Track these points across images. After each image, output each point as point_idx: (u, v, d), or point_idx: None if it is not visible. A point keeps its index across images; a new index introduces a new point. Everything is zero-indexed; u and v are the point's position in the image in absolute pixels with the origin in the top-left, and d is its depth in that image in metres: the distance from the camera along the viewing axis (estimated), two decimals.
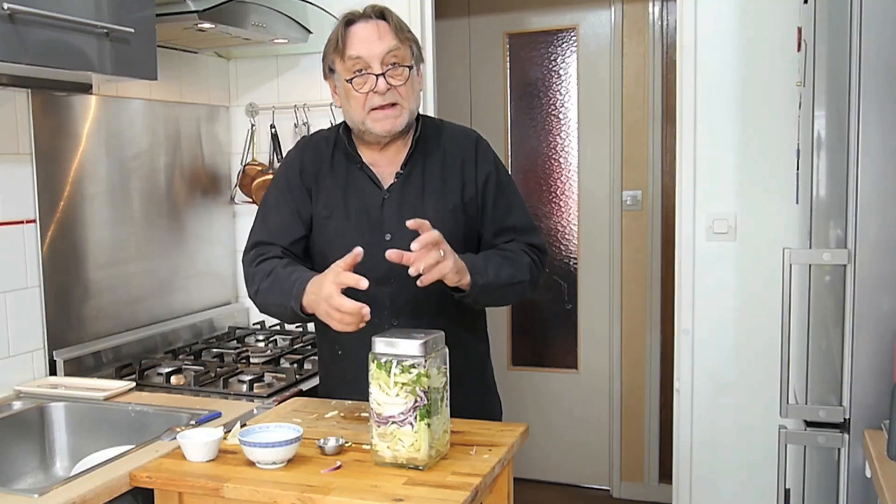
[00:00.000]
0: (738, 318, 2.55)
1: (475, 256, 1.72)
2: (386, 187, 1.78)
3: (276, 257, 1.76)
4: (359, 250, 1.55)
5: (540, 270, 1.82)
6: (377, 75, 1.69)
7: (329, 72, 1.78)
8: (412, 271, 1.52)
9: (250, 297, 1.79)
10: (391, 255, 1.53)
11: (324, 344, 1.90)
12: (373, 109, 1.70)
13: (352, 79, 1.71)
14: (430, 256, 1.52)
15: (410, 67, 1.73)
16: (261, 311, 1.80)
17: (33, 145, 2.13)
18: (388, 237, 1.74)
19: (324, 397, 1.92)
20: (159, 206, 2.59)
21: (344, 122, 1.83)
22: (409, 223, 1.56)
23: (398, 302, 1.74)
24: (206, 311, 2.79)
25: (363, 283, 1.50)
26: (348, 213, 1.78)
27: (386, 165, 1.80)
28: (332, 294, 1.52)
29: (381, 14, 1.73)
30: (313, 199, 1.81)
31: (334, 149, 1.83)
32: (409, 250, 1.53)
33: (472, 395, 1.76)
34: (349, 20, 1.74)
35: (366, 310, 1.51)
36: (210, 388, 2.15)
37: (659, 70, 3.54)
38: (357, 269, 1.63)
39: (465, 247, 1.77)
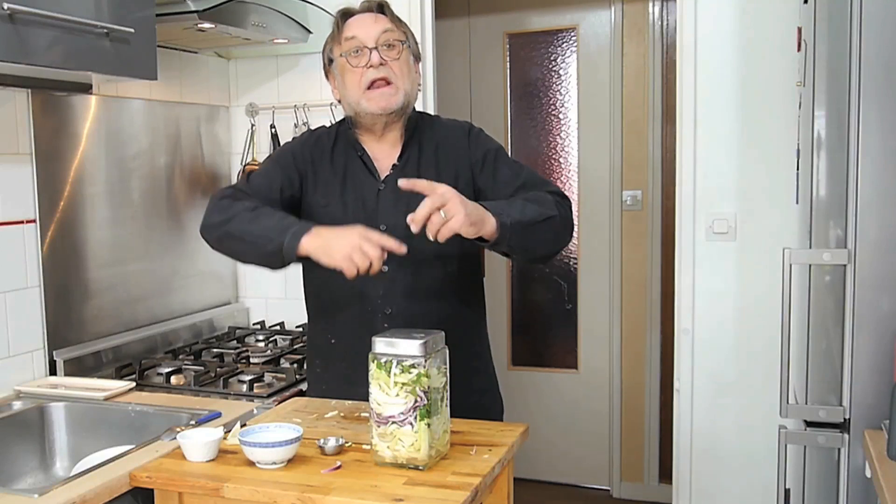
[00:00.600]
0: (739, 317, 2.55)
1: (496, 202, 1.66)
2: (382, 178, 1.79)
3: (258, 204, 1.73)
4: (404, 249, 1.55)
5: (567, 211, 1.75)
6: (371, 49, 1.72)
7: (328, 63, 1.81)
8: (428, 237, 1.51)
9: (210, 223, 1.71)
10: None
11: (315, 335, 1.90)
12: (368, 88, 1.73)
13: (346, 54, 1.74)
14: (432, 224, 1.49)
15: (404, 42, 1.77)
16: (216, 241, 1.72)
17: (33, 145, 2.12)
18: (382, 228, 1.73)
19: (313, 387, 1.92)
20: (159, 207, 2.59)
21: (344, 118, 1.85)
22: (402, 183, 1.55)
23: (392, 290, 1.75)
24: (206, 311, 2.79)
25: (403, 248, 1.54)
26: (345, 203, 1.79)
27: (383, 158, 1.81)
28: (371, 231, 1.55)
29: (380, 7, 1.79)
30: (310, 187, 1.81)
31: (336, 140, 1.85)
32: (402, 238, 1.55)
33: (471, 394, 1.76)
34: (347, 12, 1.79)
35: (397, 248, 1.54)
36: (210, 388, 2.15)
37: (659, 70, 3.54)
38: None
39: (459, 239, 1.76)
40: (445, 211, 1.49)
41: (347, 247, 1.53)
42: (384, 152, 1.81)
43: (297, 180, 1.81)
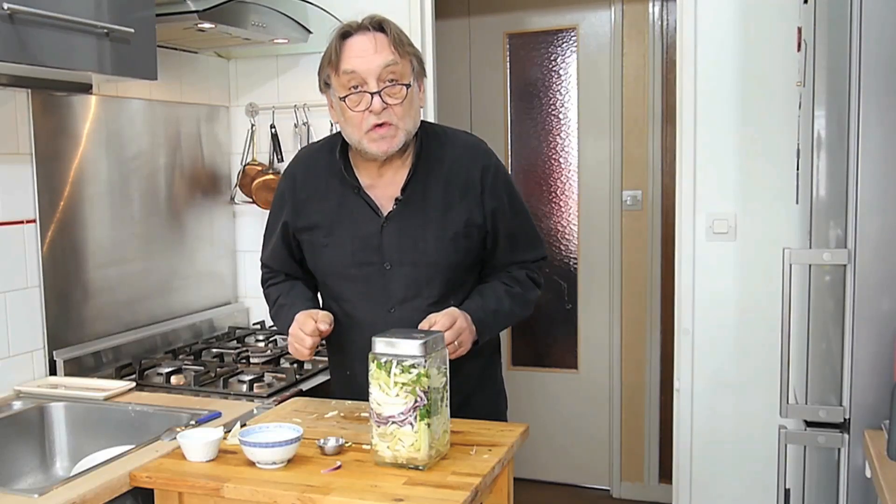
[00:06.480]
0: (739, 317, 2.55)
1: (484, 306, 1.73)
2: (385, 214, 1.72)
3: (281, 282, 1.87)
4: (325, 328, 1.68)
5: (541, 287, 1.88)
6: (372, 94, 1.61)
7: (325, 86, 1.71)
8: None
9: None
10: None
11: (334, 358, 1.91)
12: (369, 130, 1.64)
13: (346, 97, 1.63)
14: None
15: (408, 86, 1.64)
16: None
17: (33, 145, 2.12)
18: (387, 266, 1.71)
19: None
20: (159, 207, 2.59)
21: (342, 139, 1.76)
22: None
23: (403, 303, 1.74)
24: (206, 311, 2.78)
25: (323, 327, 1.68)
26: (344, 240, 1.73)
27: (384, 188, 1.73)
28: (295, 329, 1.69)
29: (380, 26, 1.64)
30: (308, 220, 1.78)
31: (332, 169, 1.76)
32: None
33: (484, 395, 1.77)
34: (345, 32, 1.65)
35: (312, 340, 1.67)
36: (210, 388, 2.15)
37: (659, 70, 3.54)
38: (358, 298, 1.71)
39: (465, 273, 1.77)
40: (459, 341, 1.63)
41: (290, 343, 1.71)
42: (386, 181, 1.73)
43: (299, 217, 1.81)
